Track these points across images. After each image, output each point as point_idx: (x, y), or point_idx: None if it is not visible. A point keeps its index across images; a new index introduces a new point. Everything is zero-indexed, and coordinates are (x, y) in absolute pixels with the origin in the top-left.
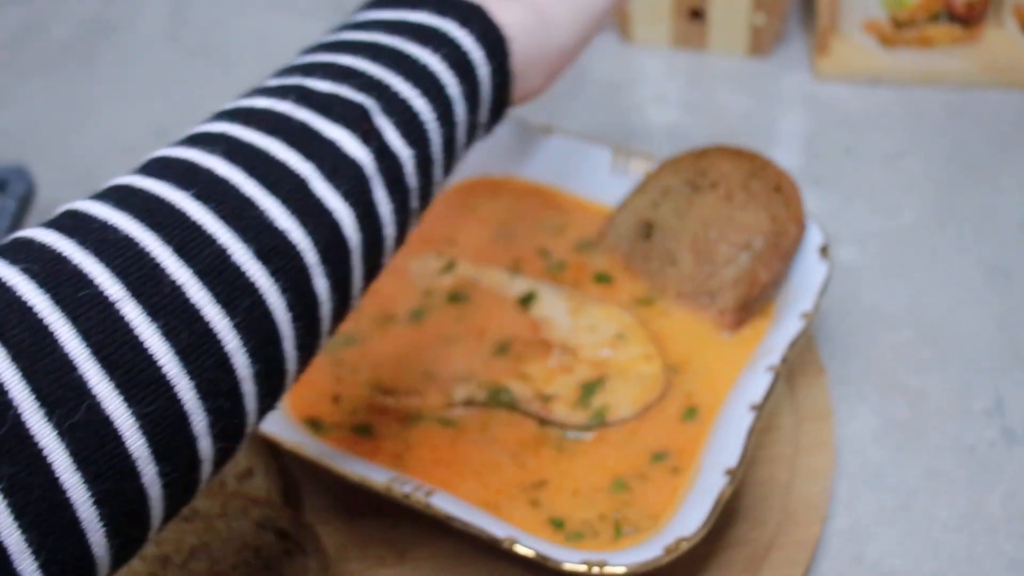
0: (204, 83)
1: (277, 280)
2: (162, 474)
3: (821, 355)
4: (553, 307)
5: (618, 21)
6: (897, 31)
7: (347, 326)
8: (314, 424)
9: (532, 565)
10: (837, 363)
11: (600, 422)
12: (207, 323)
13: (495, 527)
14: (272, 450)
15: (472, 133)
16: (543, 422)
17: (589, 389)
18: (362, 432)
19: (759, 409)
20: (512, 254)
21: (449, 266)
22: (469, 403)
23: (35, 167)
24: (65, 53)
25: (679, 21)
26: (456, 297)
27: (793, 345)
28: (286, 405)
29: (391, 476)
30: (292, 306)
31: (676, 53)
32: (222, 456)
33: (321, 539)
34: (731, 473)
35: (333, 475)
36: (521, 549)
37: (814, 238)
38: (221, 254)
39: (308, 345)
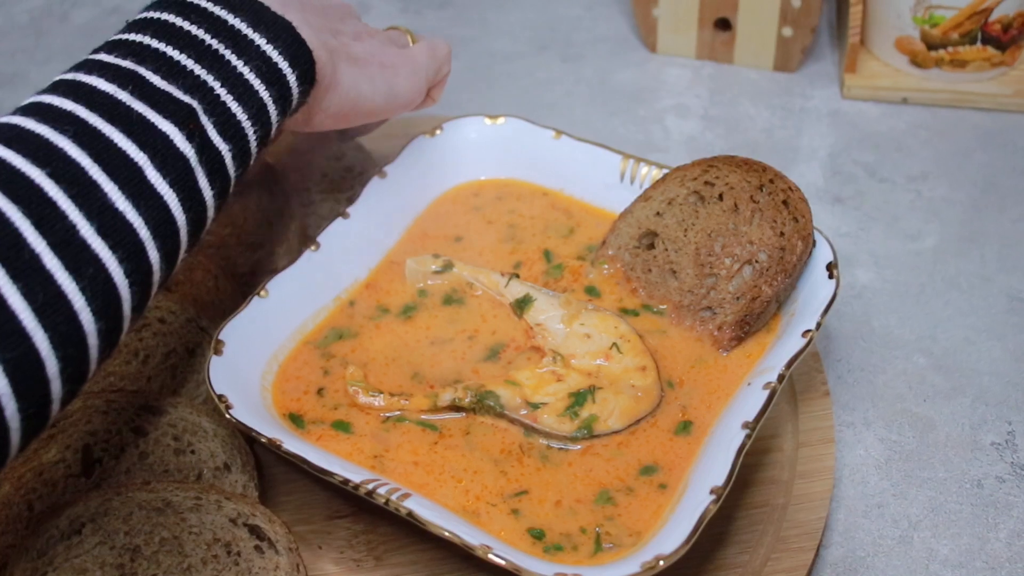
0: None
1: (116, 252)
2: (21, 410)
3: (828, 378)
4: (548, 313)
5: (643, 31)
6: (929, 51)
7: (340, 320)
8: (295, 419)
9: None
10: (844, 387)
11: (588, 433)
12: (59, 286)
13: (470, 534)
14: (250, 445)
15: (281, 125)
16: (529, 430)
17: (579, 399)
18: (342, 429)
19: (751, 428)
20: (517, 255)
21: (445, 267)
22: (455, 407)
23: None
24: (85, 39)
25: (705, 32)
26: (451, 299)
27: (791, 363)
28: (268, 398)
29: (367, 477)
30: (129, 274)
31: (701, 64)
32: (68, 397)
33: (294, 537)
34: (716, 492)
35: (310, 472)
36: (495, 558)
37: (824, 254)
38: (71, 229)
39: (141, 305)
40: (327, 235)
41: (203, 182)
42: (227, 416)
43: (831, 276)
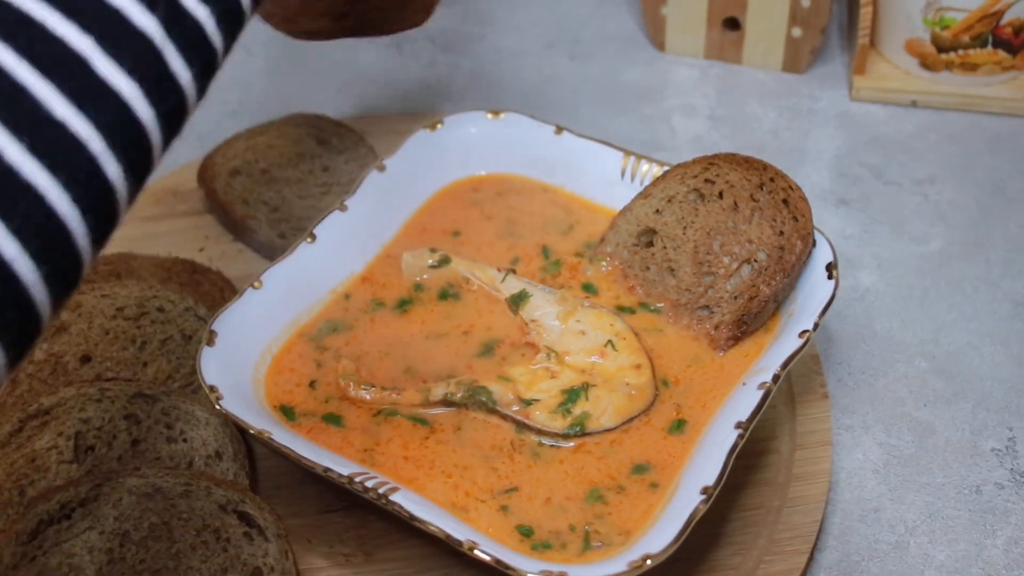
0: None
1: (56, 175)
2: None
3: (828, 380)
4: (543, 309)
5: (651, 30)
6: (939, 53)
7: (335, 313)
8: (286, 411)
9: (500, 574)
10: (844, 390)
11: (580, 431)
12: None
13: (457, 529)
14: (243, 436)
15: None
16: (521, 427)
17: (572, 396)
18: (333, 422)
19: (744, 428)
20: (515, 251)
21: (442, 262)
22: (447, 403)
23: None
24: None
25: (714, 32)
26: (446, 294)
27: (787, 364)
28: (260, 390)
29: (356, 470)
30: (77, 200)
31: (709, 64)
32: (13, 361)
33: (283, 526)
34: (707, 492)
35: (298, 464)
36: (481, 554)
37: (824, 254)
38: None
39: (104, 235)
40: (324, 227)
41: (175, 63)
42: (217, 407)
43: (830, 276)
